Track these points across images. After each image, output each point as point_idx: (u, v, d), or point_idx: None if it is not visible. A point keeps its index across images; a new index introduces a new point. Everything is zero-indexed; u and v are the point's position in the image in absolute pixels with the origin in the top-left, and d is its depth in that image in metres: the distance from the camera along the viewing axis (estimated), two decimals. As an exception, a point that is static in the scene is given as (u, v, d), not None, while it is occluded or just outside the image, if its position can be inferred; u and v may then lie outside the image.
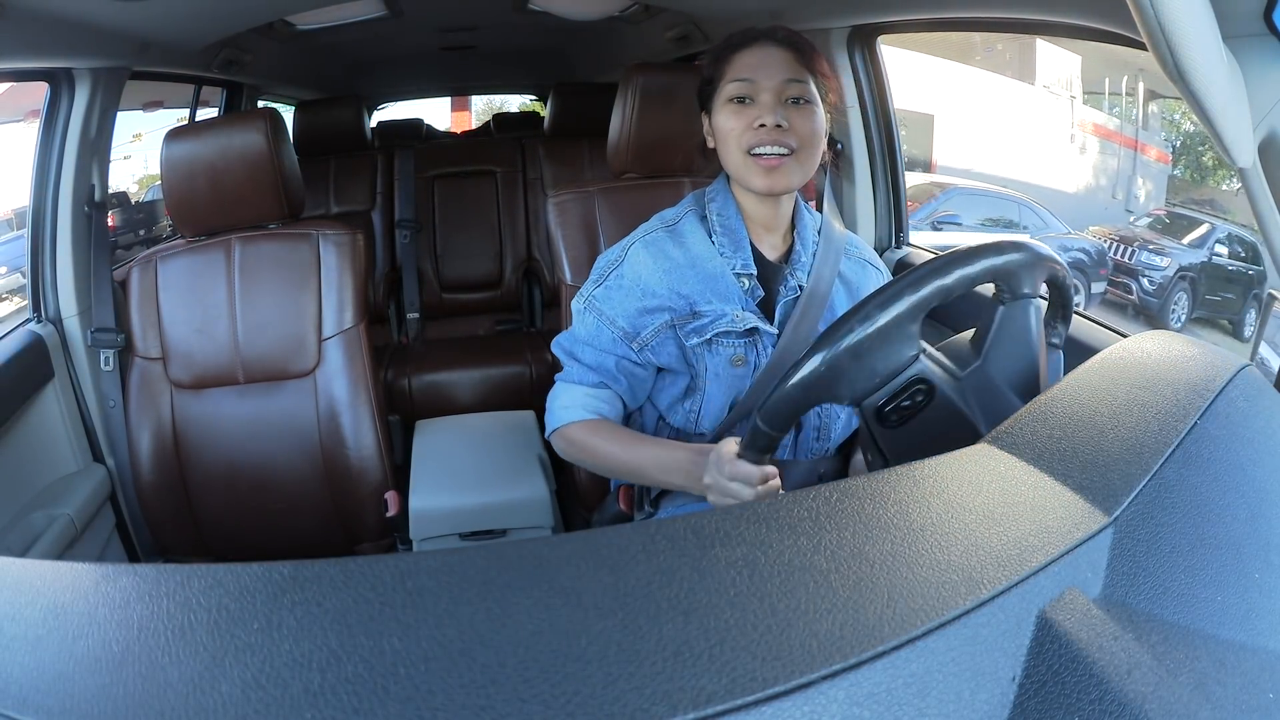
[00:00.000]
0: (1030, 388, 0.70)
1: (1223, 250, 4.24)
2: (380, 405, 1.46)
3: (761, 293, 1.03)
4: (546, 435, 1.10)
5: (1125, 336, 0.81)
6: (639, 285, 1.03)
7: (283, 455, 1.45)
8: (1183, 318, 4.31)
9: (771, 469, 0.83)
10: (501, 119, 3.94)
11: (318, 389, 1.44)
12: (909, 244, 1.74)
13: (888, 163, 1.69)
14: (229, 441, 1.44)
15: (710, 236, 1.04)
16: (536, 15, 2.33)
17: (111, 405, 1.51)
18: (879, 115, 1.68)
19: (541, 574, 0.38)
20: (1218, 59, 0.62)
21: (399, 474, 1.53)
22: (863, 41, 1.63)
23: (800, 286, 1.03)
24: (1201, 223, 4.43)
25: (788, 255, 1.05)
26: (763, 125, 0.95)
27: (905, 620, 0.35)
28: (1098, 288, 4.31)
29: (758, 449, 0.80)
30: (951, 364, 0.71)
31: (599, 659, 0.32)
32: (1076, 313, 0.80)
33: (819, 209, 1.12)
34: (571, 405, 1.05)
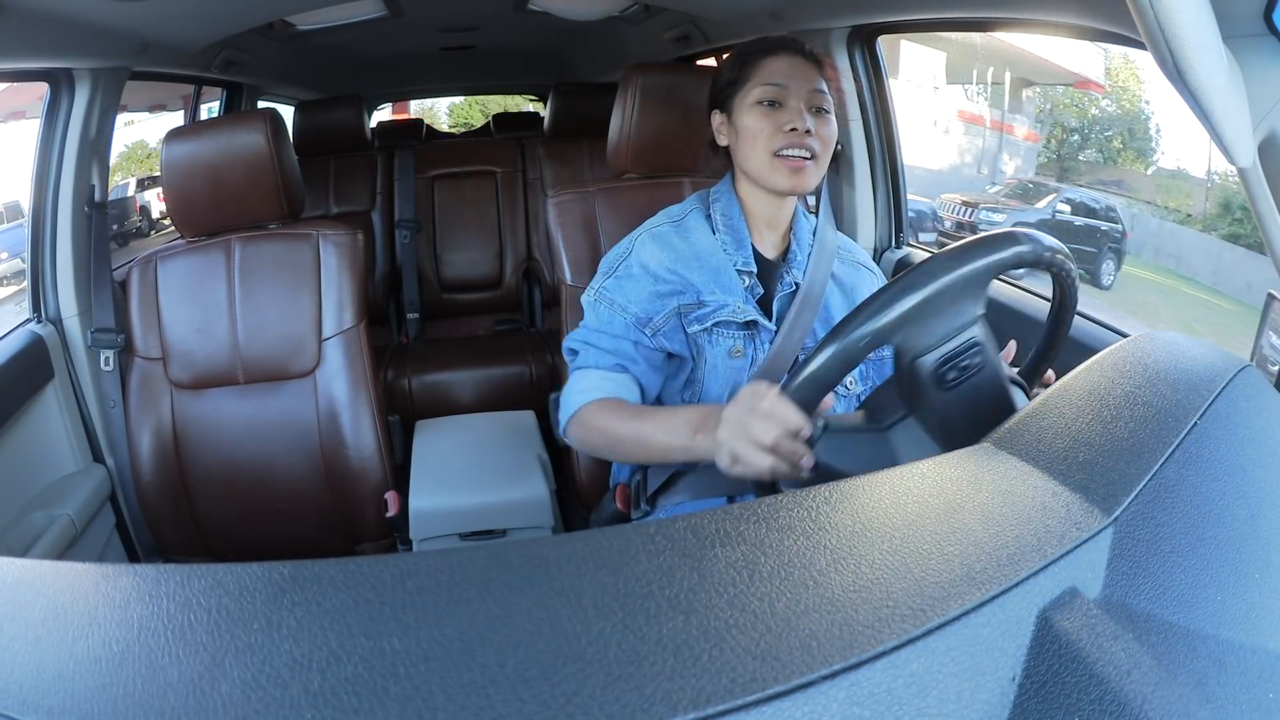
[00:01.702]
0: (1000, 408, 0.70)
1: (1065, 208, 4.57)
2: (380, 405, 1.46)
3: (761, 290, 1.06)
4: (561, 429, 1.07)
5: (1125, 336, 0.81)
6: (648, 272, 1.05)
7: (283, 455, 1.45)
8: (1024, 266, 4.70)
9: (806, 429, 0.69)
10: (501, 119, 3.94)
11: (318, 389, 1.44)
12: (909, 244, 1.74)
13: (888, 163, 1.69)
14: (229, 442, 1.44)
15: (714, 233, 1.07)
16: (536, 15, 2.33)
17: (111, 405, 1.51)
18: (879, 116, 1.68)
19: (541, 574, 0.38)
20: (1218, 59, 0.62)
21: (399, 474, 1.53)
22: (862, 42, 1.63)
23: (795, 284, 1.06)
24: (1054, 190, 4.83)
25: (785, 255, 1.09)
26: (794, 129, 1.00)
27: (905, 620, 0.35)
28: (927, 238, 4.69)
29: (801, 398, 0.69)
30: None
31: (599, 659, 0.32)
32: (1078, 313, 0.79)
33: (815, 211, 1.14)
34: (587, 389, 1.03)
